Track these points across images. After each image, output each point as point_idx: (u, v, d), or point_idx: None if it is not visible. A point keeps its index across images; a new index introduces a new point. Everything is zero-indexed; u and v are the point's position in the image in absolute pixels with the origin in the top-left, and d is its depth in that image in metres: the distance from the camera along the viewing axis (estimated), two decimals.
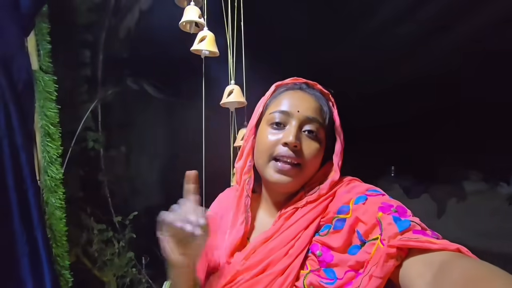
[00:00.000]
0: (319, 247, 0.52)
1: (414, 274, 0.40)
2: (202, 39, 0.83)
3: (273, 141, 0.56)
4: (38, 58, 0.70)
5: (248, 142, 0.62)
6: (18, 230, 0.64)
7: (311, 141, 0.56)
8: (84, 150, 1.64)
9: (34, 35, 0.68)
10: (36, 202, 0.66)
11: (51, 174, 0.70)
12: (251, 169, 0.62)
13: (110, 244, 1.73)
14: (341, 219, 0.52)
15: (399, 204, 0.49)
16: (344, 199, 0.54)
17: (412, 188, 2.94)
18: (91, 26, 1.62)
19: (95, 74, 1.73)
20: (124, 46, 1.83)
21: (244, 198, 0.61)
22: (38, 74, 0.69)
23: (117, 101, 1.82)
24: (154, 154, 2.15)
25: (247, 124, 0.67)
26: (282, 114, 0.56)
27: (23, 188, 0.65)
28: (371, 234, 0.47)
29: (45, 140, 0.70)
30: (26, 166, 0.65)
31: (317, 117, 0.56)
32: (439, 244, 0.40)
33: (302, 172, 0.56)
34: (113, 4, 1.65)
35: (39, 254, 0.66)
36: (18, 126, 0.65)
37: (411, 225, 0.44)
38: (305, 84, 0.61)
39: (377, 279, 0.42)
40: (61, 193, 0.72)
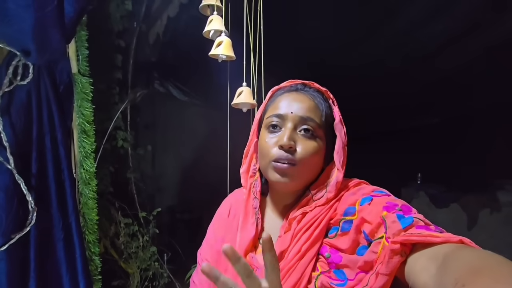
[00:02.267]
0: (327, 249, 0.53)
1: (419, 269, 0.40)
2: (219, 44, 0.88)
3: (271, 144, 0.57)
4: (77, 62, 0.77)
5: (250, 146, 0.63)
6: (55, 217, 0.71)
7: (306, 140, 0.56)
8: (114, 148, 1.74)
9: (74, 41, 0.75)
10: (71, 193, 0.73)
11: (86, 167, 0.77)
12: (257, 172, 0.63)
13: (135, 238, 1.81)
14: (348, 221, 0.52)
15: (404, 203, 0.50)
16: (350, 200, 0.54)
17: (440, 197, 2.78)
18: (123, 32, 1.72)
19: (126, 77, 1.83)
20: (153, 51, 1.93)
21: (252, 201, 0.62)
22: (76, 76, 0.76)
23: (145, 103, 1.92)
24: (178, 154, 2.23)
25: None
26: (277, 117, 0.57)
27: (61, 179, 0.72)
28: (376, 233, 0.47)
29: (81, 137, 0.77)
30: (64, 159, 0.73)
31: (312, 116, 0.56)
32: (441, 237, 0.40)
33: (299, 171, 0.56)
34: (144, 11, 1.75)
35: (73, 240, 0.73)
36: (58, 123, 0.73)
37: (414, 221, 0.44)
38: (301, 84, 0.61)
39: (384, 276, 0.42)
40: (94, 185, 0.78)
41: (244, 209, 0.62)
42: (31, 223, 0.66)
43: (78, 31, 0.75)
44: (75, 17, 0.66)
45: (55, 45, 0.66)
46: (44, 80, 0.70)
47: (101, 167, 1.55)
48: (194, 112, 2.31)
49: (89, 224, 0.79)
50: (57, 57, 0.70)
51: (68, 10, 0.64)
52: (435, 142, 2.59)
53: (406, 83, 2.04)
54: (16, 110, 0.66)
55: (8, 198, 0.64)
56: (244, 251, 0.58)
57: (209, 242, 0.68)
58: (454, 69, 1.86)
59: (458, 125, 2.49)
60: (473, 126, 2.38)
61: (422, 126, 2.70)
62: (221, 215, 0.70)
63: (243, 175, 0.65)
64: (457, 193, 2.67)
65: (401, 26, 1.64)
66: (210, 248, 0.68)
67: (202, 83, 2.01)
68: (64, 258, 0.71)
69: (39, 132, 0.69)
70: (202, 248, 0.71)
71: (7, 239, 0.64)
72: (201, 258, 0.68)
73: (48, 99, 0.70)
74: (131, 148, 1.83)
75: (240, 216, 0.62)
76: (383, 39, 1.74)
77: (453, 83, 2.00)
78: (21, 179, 0.64)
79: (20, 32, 0.61)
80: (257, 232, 0.60)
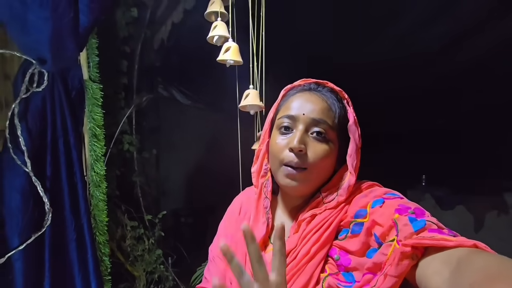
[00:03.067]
0: (337, 251, 0.52)
1: (431, 272, 0.39)
2: (227, 49, 0.90)
3: (281, 146, 0.56)
4: (88, 69, 0.80)
5: (262, 146, 0.63)
6: (68, 218, 0.74)
7: (318, 144, 0.55)
8: (120, 152, 1.76)
9: (86, 49, 0.78)
10: (83, 195, 0.75)
11: (97, 170, 0.79)
12: (268, 172, 0.63)
13: (141, 241, 1.82)
14: (358, 223, 0.51)
15: (417, 206, 0.49)
16: (361, 203, 0.53)
17: (446, 199, 2.75)
18: (129, 38, 1.76)
19: (131, 82, 1.86)
20: (157, 56, 1.96)
21: (263, 200, 0.62)
22: (87, 83, 0.79)
23: (150, 107, 1.95)
24: (182, 158, 2.25)
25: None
26: (289, 119, 0.56)
27: (73, 181, 0.74)
28: (388, 236, 0.47)
29: (92, 141, 0.80)
30: (76, 162, 0.75)
31: (324, 118, 0.55)
32: (455, 241, 0.39)
33: (309, 176, 0.55)
34: (149, 17, 1.78)
35: (85, 241, 0.75)
36: (71, 128, 0.75)
37: (426, 225, 0.44)
38: (315, 84, 0.60)
39: (392, 278, 0.42)
40: (104, 187, 0.81)
41: (255, 208, 0.62)
42: (47, 224, 0.68)
43: (89, 39, 0.78)
44: (89, 26, 0.70)
45: (69, 54, 0.69)
46: (57, 86, 0.73)
47: (108, 170, 1.57)
48: (198, 116, 2.33)
49: (100, 225, 0.81)
50: (70, 64, 0.73)
51: (83, 21, 0.68)
52: (440, 144, 2.58)
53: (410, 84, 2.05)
54: (32, 115, 0.69)
55: (25, 200, 0.67)
56: None
57: (220, 238, 0.69)
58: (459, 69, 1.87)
59: (464, 126, 2.48)
60: (479, 127, 2.37)
61: (427, 127, 2.69)
62: (232, 212, 0.70)
63: (254, 174, 0.65)
64: (463, 195, 2.64)
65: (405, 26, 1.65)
66: (215, 242, 0.69)
67: (205, 87, 2.03)
68: (76, 259, 0.74)
69: (53, 136, 0.72)
70: (213, 244, 0.72)
71: (24, 240, 0.66)
72: (212, 254, 0.69)
73: (61, 105, 0.73)
74: (136, 152, 1.86)
75: (251, 215, 0.62)
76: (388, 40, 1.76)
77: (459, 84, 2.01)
78: (38, 181, 0.67)
79: (38, 42, 0.65)
80: (267, 231, 0.59)
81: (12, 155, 0.65)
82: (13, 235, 0.66)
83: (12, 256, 0.65)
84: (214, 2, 0.97)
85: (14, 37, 0.66)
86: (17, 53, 0.68)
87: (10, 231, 0.66)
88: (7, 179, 0.67)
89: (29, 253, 0.68)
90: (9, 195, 0.67)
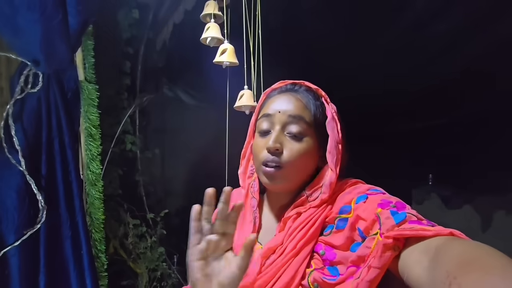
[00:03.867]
0: (322, 246, 0.54)
1: (412, 262, 0.40)
2: (223, 51, 0.91)
3: (260, 147, 0.58)
4: (84, 70, 0.82)
5: (247, 148, 0.65)
6: (63, 216, 0.76)
7: (294, 142, 0.56)
8: (123, 151, 1.79)
9: (81, 50, 0.81)
10: (78, 193, 0.77)
11: (92, 169, 0.81)
12: (254, 173, 0.65)
13: (143, 239, 1.85)
14: (343, 219, 0.53)
15: (399, 200, 0.50)
16: (345, 199, 0.55)
17: (452, 198, 2.71)
18: (131, 40, 1.78)
19: (134, 83, 1.89)
20: (160, 57, 1.98)
21: (250, 200, 0.64)
22: (83, 83, 0.81)
23: (152, 107, 1.97)
24: (185, 157, 2.27)
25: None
26: (266, 118, 0.58)
27: (68, 180, 0.76)
28: (371, 230, 0.48)
29: (88, 140, 0.82)
30: (72, 162, 0.77)
31: (300, 115, 0.56)
32: (433, 231, 0.41)
33: (285, 174, 0.56)
34: (151, 19, 1.80)
35: (80, 238, 0.77)
36: (66, 128, 0.78)
37: (407, 217, 0.45)
38: (291, 84, 0.62)
39: (375, 270, 0.43)
40: (100, 186, 0.83)
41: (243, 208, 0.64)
42: (41, 221, 0.70)
43: (84, 40, 0.80)
44: (79, 28, 0.71)
45: (61, 55, 0.71)
46: (53, 87, 0.75)
47: (110, 170, 1.60)
48: (200, 116, 2.34)
49: (96, 223, 0.83)
50: (65, 66, 0.75)
51: (72, 23, 0.70)
52: (447, 142, 2.52)
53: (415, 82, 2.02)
54: (27, 116, 0.72)
55: (20, 198, 0.69)
56: (239, 246, 0.59)
57: None
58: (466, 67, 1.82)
59: (471, 125, 2.42)
60: (486, 125, 2.31)
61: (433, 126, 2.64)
62: None
63: (241, 176, 0.66)
64: (470, 194, 2.58)
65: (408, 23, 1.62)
66: None
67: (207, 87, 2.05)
68: (71, 255, 0.76)
69: (48, 136, 0.74)
70: None
71: (19, 236, 0.69)
72: None
73: (56, 105, 0.75)
74: (139, 152, 1.88)
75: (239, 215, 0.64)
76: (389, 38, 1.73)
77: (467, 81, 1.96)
78: (32, 180, 0.69)
79: (29, 43, 0.67)
80: (254, 230, 0.61)
81: (7, 155, 0.67)
82: (9, 232, 0.69)
83: (8, 252, 0.68)
84: (209, 4, 0.99)
85: (7, 39, 0.68)
86: (12, 55, 0.70)
87: (6, 229, 0.69)
88: (3, 178, 0.69)
89: (24, 249, 0.70)
90: (5, 194, 0.69)
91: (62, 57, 0.72)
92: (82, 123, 0.82)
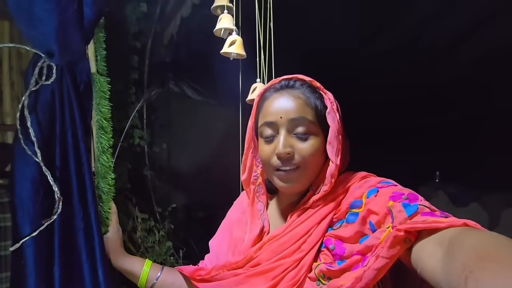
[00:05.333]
0: (332, 241, 0.53)
1: (426, 254, 0.40)
2: (232, 43, 0.90)
3: (269, 153, 0.57)
4: (96, 62, 0.82)
5: (248, 154, 0.64)
6: (77, 208, 0.76)
7: (303, 142, 0.56)
8: (131, 146, 1.80)
9: (93, 43, 0.80)
10: (90, 185, 0.77)
11: (102, 162, 0.82)
12: (258, 178, 0.65)
13: (151, 233, 1.86)
14: (354, 213, 0.52)
15: (411, 192, 0.50)
16: (356, 194, 0.54)
17: (460, 195, 2.68)
18: (139, 34, 1.78)
19: (142, 77, 1.89)
20: (168, 52, 1.98)
21: (256, 204, 0.65)
22: (95, 76, 0.81)
23: (160, 102, 1.98)
24: (192, 153, 2.27)
25: None
26: (269, 127, 0.57)
27: (81, 172, 0.77)
28: (383, 224, 0.48)
29: (99, 133, 0.82)
30: (84, 154, 0.78)
31: (303, 115, 0.56)
32: (446, 222, 0.40)
33: (303, 173, 0.57)
34: (159, 13, 1.80)
35: (92, 230, 0.77)
36: (79, 120, 0.78)
37: (419, 209, 0.45)
38: (285, 81, 0.60)
39: (383, 259, 0.43)
40: (110, 178, 0.83)
41: (250, 212, 0.65)
42: (58, 212, 0.71)
43: (96, 33, 0.80)
44: (93, 19, 0.71)
45: (75, 46, 0.71)
46: (66, 80, 0.75)
47: (119, 164, 1.61)
48: (208, 111, 2.34)
49: (106, 215, 0.84)
50: (78, 58, 0.75)
51: (87, 13, 0.69)
52: (454, 139, 2.49)
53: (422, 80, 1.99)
54: (41, 108, 0.72)
55: (35, 190, 0.70)
56: (248, 248, 0.61)
57: (220, 235, 0.75)
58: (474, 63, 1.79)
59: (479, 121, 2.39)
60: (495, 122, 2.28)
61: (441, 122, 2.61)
62: (240, 203, 0.75)
63: (245, 183, 0.67)
64: (477, 192, 2.56)
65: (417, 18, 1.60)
66: (217, 235, 0.75)
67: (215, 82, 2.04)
68: (84, 247, 0.76)
69: (62, 129, 0.74)
70: (213, 239, 0.77)
71: (35, 227, 0.69)
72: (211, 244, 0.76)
73: (69, 98, 0.75)
74: (147, 146, 1.89)
75: (248, 220, 0.65)
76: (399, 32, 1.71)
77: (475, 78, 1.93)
78: (48, 171, 0.69)
79: (44, 34, 0.67)
80: (263, 233, 0.62)
81: (23, 146, 0.68)
82: (24, 223, 0.70)
83: (23, 243, 0.68)
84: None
85: (22, 30, 0.68)
86: (27, 47, 0.70)
87: (21, 219, 0.69)
88: (19, 169, 0.70)
89: (39, 240, 0.71)
90: (20, 185, 0.70)
91: (75, 49, 0.72)
92: (93, 116, 0.82)
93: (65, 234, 0.74)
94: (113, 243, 0.83)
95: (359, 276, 0.44)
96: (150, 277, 0.79)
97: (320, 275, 0.51)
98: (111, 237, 0.83)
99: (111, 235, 0.84)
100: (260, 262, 0.56)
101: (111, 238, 0.83)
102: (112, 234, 0.84)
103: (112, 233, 0.84)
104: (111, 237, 0.83)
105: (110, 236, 0.83)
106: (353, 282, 0.45)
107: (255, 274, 0.55)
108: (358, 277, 0.45)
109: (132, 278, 0.80)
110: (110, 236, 0.83)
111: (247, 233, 0.63)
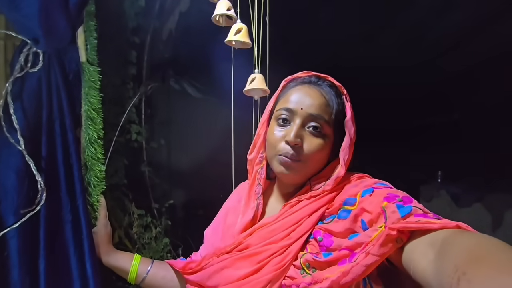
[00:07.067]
0: (321, 233, 0.55)
1: (417, 255, 0.40)
2: (238, 31, 0.88)
3: (278, 137, 0.58)
4: (86, 51, 0.80)
5: (260, 135, 0.65)
6: (64, 199, 0.74)
7: (313, 138, 0.57)
8: (128, 141, 1.79)
9: (83, 31, 0.79)
10: (79, 176, 0.76)
11: (90, 153, 0.80)
12: (263, 160, 0.66)
13: (148, 229, 1.85)
14: (346, 210, 0.54)
15: (406, 194, 0.50)
16: (351, 192, 0.56)
17: (462, 196, 2.65)
18: (137, 29, 1.77)
19: (140, 73, 1.88)
20: (166, 47, 1.97)
21: (255, 187, 0.65)
22: (84, 65, 0.79)
23: (158, 97, 1.97)
24: (190, 149, 2.26)
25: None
26: (287, 112, 0.58)
27: (69, 163, 0.75)
28: (376, 223, 0.49)
29: (87, 123, 0.81)
30: (73, 144, 0.76)
31: (321, 114, 0.57)
32: (439, 224, 0.40)
33: (303, 167, 0.58)
34: (157, 7, 1.78)
35: (80, 222, 0.76)
36: (67, 110, 0.76)
37: (412, 210, 0.45)
38: (315, 77, 0.61)
39: (374, 257, 0.44)
40: (97, 170, 0.81)
41: (247, 193, 0.65)
42: (41, 203, 0.69)
43: (86, 21, 0.78)
44: (79, 2, 0.69)
45: (61, 31, 0.70)
46: (54, 68, 0.73)
47: (115, 159, 1.59)
48: (206, 108, 2.33)
49: (93, 208, 0.83)
50: (65, 43, 0.73)
51: None
52: (456, 138, 2.46)
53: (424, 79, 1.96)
54: (27, 95, 0.70)
55: (20, 179, 0.68)
56: (240, 232, 0.62)
57: (215, 223, 0.76)
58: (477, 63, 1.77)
59: (481, 121, 2.35)
60: (497, 121, 2.24)
61: (442, 122, 2.58)
62: (238, 193, 0.76)
63: (250, 161, 0.67)
64: (480, 192, 2.53)
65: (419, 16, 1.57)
66: (212, 224, 0.76)
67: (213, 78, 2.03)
68: (72, 239, 0.75)
69: (49, 118, 0.73)
70: (209, 228, 0.78)
71: (19, 218, 0.68)
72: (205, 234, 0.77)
73: (57, 87, 0.74)
74: (145, 142, 1.88)
75: (242, 200, 0.66)
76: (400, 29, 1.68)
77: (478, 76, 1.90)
78: (31, 160, 0.68)
79: (27, 17, 0.65)
80: (256, 216, 0.63)
81: (5, 134, 0.66)
82: (8, 213, 0.68)
83: (7, 234, 0.67)
84: None
85: (5, 13, 0.67)
86: (12, 33, 0.69)
87: (5, 210, 0.68)
88: (2, 158, 0.68)
89: (24, 231, 0.69)
90: (4, 174, 0.68)
91: (62, 34, 0.70)
92: (82, 106, 0.81)
93: (51, 225, 0.72)
94: (100, 238, 0.81)
95: (346, 271, 0.45)
96: (140, 271, 0.78)
97: (305, 264, 0.52)
98: (99, 231, 0.82)
99: (99, 229, 0.82)
100: (248, 246, 0.57)
101: (98, 232, 0.82)
102: (99, 229, 0.82)
103: (99, 227, 0.82)
104: (98, 232, 0.82)
105: (97, 230, 0.82)
106: (339, 276, 0.46)
107: (241, 258, 0.56)
108: (345, 271, 0.45)
109: (121, 274, 0.79)
110: (97, 231, 0.82)
111: (239, 216, 0.64)
